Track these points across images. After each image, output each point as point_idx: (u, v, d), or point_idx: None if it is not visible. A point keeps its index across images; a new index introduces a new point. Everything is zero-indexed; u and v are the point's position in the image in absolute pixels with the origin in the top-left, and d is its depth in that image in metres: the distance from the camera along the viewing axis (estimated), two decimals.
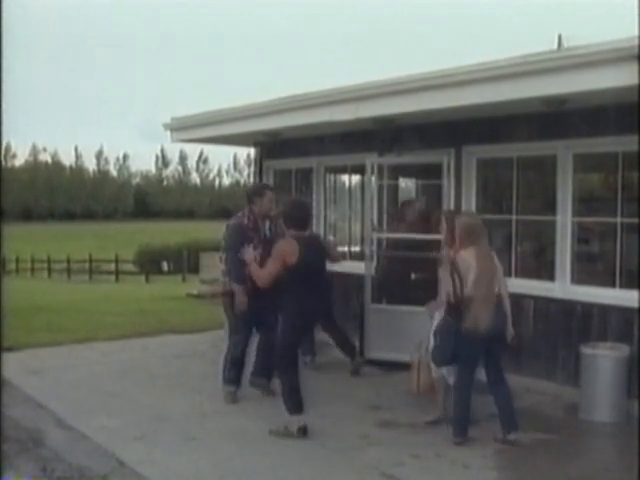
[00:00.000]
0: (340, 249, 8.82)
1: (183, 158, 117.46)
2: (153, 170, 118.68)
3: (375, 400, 5.94)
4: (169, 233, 52.69)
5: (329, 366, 6.11)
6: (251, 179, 10.28)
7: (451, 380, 5.06)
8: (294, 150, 8.73)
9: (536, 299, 6.18)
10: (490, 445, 4.82)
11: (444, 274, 4.92)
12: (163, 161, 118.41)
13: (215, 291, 7.40)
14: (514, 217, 6.55)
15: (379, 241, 7.61)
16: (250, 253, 5.31)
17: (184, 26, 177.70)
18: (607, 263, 6.30)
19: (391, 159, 7.46)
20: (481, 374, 4.96)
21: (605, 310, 5.72)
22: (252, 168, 10.28)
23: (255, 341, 6.12)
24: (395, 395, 6.07)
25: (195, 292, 13.83)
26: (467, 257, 4.79)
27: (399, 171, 8.19)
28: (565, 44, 5.91)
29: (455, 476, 4.45)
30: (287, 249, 5.08)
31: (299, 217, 5.23)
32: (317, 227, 8.51)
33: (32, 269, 35.53)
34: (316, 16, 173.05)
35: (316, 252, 5.29)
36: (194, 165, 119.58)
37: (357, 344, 7.15)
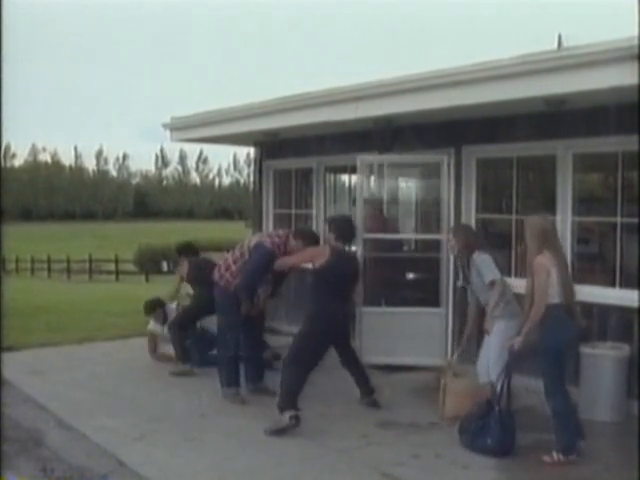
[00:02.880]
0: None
1: (183, 158, 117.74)
2: (153, 170, 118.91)
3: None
4: (169, 233, 52.62)
5: (329, 366, 6.08)
6: (251, 179, 10.28)
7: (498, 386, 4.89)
8: (294, 150, 8.73)
9: None
10: None
11: (538, 279, 4.53)
12: (163, 161, 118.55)
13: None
14: (514, 217, 6.55)
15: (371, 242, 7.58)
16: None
17: (184, 26, 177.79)
18: (607, 263, 6.30)
19: (383, 158, 7.42)
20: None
21: (605, 310, 5.72)
22: (252, 168, 10.28)
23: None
24: (395, 395, 6.07)
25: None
26: (545, 262, 4.55)
27: (398, 170, 8.18)
28: (565, 44, 5.91)
29: (455, 476, 4.45)
30: (317, 252, 5.57)
31: (345, 230, 5.64)
32: (317, 227, 8.52)
33: (32, 269, 35.47)
34: (316, 16, 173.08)
35: (346, 267, 5.56)
36: (194, 165, 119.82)
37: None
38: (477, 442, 4.72)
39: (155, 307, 7.59)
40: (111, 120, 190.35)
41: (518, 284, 5.94)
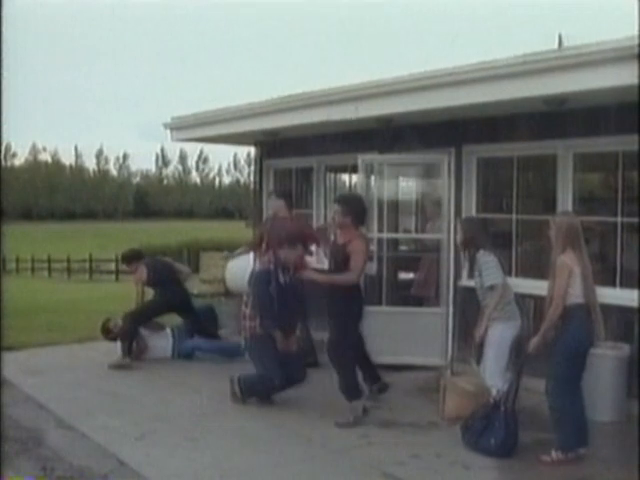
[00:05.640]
0: None
1: (183, 157, 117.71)
2: (153, 169, 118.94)
3: (375, 400, 5.92)
4: (169, 232, 52.71)
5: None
6: (251, 178, 10.28)
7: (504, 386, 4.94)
8: (294, 149, 8.73)
9: (537, 299, 6.16)
10: None
11: (560, 278, 4.51)
12: (163, 160, 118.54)
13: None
14: (514, 216, 6.55)
15: (380, 241, 7.58)
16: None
17: (184, 25, 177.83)
18: (607, 263, 6.29)
19: (384, 157, 7.41)
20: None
21: (605, 310, 5.70)
22: (252, 167, 10.28)
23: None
24: (395, 395, 6.07)
25: (195, 291, 13.79)
26: (568, 262, 4.53)
27: (398, 170, 8.17)
28: (565, 44, 5.91)
29: (455, 476, 4.46)
30: (367, 246, 5.61)
31: (361, 211, 5.63)
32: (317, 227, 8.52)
33: (32, 269, 35.46)
34: (316, 16, 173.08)
35: None
36: (194, 164, 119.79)
37: None
38: (480, 442, 4.72)
39: (108, 330, 7.69)
40: (111, 120, 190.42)
41: (519, 284, 5.96)
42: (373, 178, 7.55)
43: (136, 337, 7.30)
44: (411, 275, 8.32)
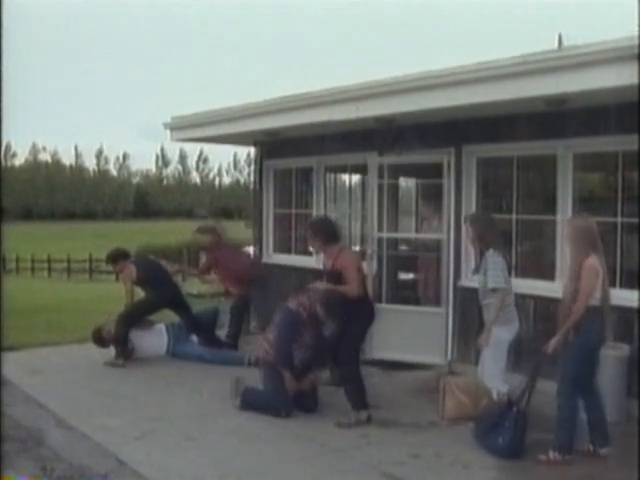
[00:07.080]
0: None
1: (183, 157, 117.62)
2: (153, 169, 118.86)
3: (375, 400, 5.93)
4: (169, 232, 52.59)
5: (329, 365, 6.15)
6: (251, 178, 10.28)
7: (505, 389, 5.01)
8: (294, 149, 8.73)
9: (537, 299, 6.17)
10: None
11: (589, 281, 4.49)
12: (163, 160, 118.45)
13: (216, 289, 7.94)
14: (514, 217, 6.55)
15: (380, 240, 7.59)
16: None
17: (184, 25, 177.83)
18: (607, 263, 6.28)
19: (393, 159, 7.43)
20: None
21: None
22: (252, 167, 10.28)
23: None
24: (395, 395, 6.07)
25: (195, 292, 13.79)
26: (597, 265, 4.51)
27: (399, 170, 8.18)
28: (565, 44, 5.91)
29: (455, 476, 4.46)
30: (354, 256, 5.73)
31: (333, 232, 5.64)
32: None
33: (32, 268, 35.43)
34: (316, 16, 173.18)
35: None
36: (194, 164, 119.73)
37: None
38: (488, 439, 4.73)
39: (101, 338, 7.54)
40: (111, 119, 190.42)
41: (519, 284, 5.95)
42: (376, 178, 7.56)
43: (127, 337, 7.31)
44: (411, 275, 8.33)
